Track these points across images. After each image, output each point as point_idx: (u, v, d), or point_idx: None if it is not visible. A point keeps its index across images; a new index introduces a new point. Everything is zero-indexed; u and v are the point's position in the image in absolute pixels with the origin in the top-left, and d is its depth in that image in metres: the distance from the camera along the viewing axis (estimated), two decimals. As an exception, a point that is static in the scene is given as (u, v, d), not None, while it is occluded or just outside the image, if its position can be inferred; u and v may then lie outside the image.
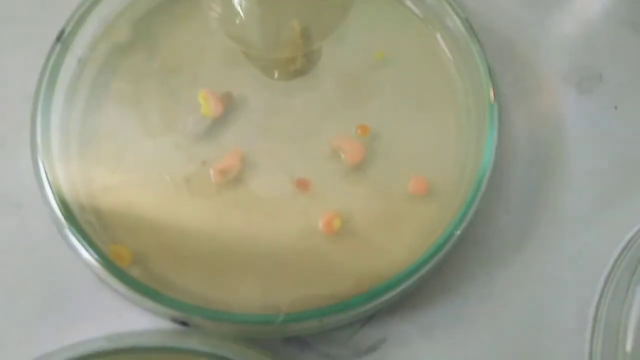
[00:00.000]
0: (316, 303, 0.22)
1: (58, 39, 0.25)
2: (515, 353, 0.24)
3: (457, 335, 0.24)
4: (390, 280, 0.22)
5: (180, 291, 0.22)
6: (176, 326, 0.22)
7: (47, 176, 0.24)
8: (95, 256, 0.23)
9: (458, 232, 0.23)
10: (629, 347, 0.24)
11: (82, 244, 0.23)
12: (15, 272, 0.25)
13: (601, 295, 0.25)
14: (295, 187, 0.25)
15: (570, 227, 0.26)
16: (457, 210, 0.24)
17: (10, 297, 0.25)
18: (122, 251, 0.23)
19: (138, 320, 0.23)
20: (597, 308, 0.25)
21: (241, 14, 0.26)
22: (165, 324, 0.23)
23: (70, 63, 0.26)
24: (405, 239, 0.24)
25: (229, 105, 0.26)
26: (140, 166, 0.25)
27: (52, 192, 0.24)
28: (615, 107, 0.29)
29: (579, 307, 0.25)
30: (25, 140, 0.25)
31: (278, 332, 0.22)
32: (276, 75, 0.27)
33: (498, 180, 0.27)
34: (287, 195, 0.25)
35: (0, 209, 0.26)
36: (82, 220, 0.24)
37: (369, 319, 0.24)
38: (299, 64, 0.27)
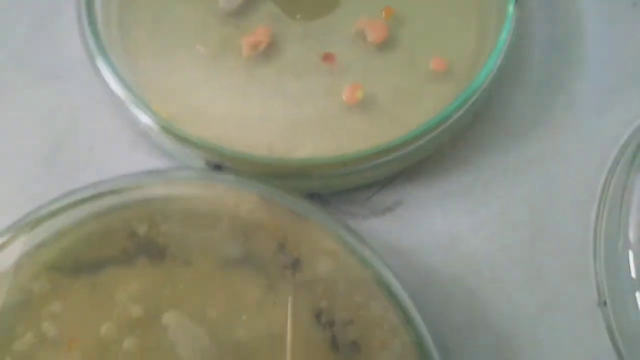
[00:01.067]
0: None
1: None
2: (524, 222, 0.26)
3: (470, 202, 0.26)
4: (405, 137, 0.24)
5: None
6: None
7: (92, 43, 0.25)
8: (139, 113, 0.24)
9: (473, 99, 0.25)
10: (631, 235, 0.25)
11: (125, 103, 0.25)
12: (57, 135, 0.27)
13: (608, 175, 0.26)
14: (322, 61, 0.27)
15: (582, 112, 0.28)
16: (470, 86, 0.26)
17: (52, 156, 0.27)
18: (160, 112, 0.25)
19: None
20: (604, 187, 0.26)
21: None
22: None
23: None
24: (423, 112, 0.26)
25: (261, -14, 0.28)
26: (176, 33, 0.27)
27: (99, 57, 0.25)
28: (634, 4, 0.30)
29: (587, 184, 0.26)
30: (68, 14, 0.27)
31: (305, 174, 0.24)
32: (298, 16, 0.28)
33: (516, 65, 0.28)
34: (314, 67, 0.26)
35: (45, 78, 0.28)
36: (123, 82, 0.25)
37: (387, 183, 0.26)
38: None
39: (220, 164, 0.24)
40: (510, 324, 0.24)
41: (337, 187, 0.25)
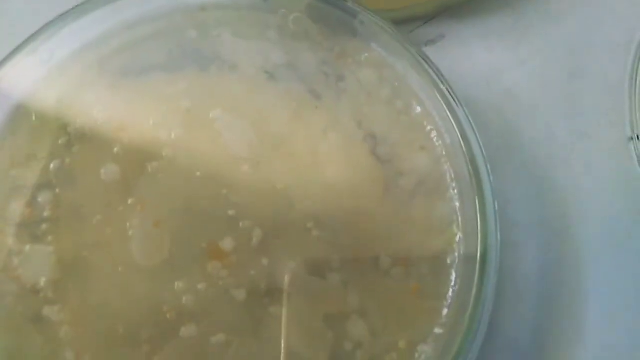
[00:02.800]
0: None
1: None
2: (564, 61, 0.26)
3: (511, 42, 0.26)
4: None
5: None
6: None
7: None
8: None
9: None
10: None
11: None
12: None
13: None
14: None
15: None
16: None
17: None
18: None
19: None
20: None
21: None
22: None
23: None
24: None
25: None
26: None
27: None
28: None
29: (626, 29, 0.26)
30: None
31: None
32: None
33: None
34: None
35: None
36: None
37: (430, 18, 0.26)
38: None
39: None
40: (545, 149, 0.25)
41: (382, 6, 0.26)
